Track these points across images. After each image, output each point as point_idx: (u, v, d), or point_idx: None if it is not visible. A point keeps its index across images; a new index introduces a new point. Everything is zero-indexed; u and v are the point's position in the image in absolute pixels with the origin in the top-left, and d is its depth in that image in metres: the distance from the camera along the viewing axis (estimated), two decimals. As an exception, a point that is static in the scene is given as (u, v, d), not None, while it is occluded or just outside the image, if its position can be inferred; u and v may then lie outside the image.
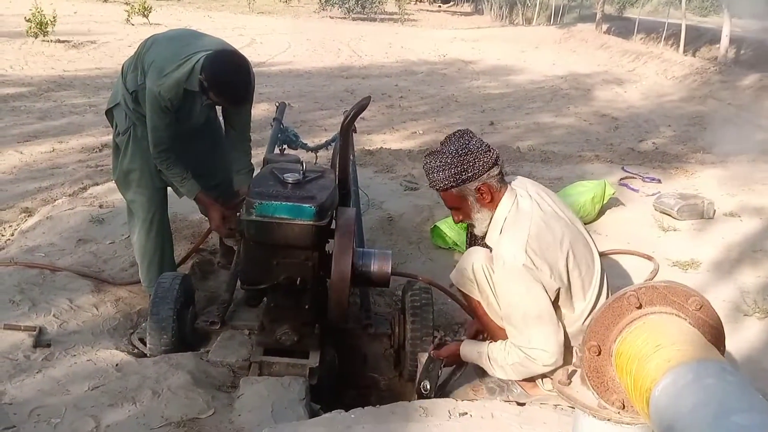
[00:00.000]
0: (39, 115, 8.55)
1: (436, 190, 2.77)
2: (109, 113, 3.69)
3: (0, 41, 14.88)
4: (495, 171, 2.68)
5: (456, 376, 2.99)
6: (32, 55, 13.40)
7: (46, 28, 15.00)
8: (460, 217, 2.80)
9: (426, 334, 3.29)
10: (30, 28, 14.93)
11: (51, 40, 14.83)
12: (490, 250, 2.74)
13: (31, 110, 8.80)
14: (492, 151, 2.68)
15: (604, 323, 1.59)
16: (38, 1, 14.85)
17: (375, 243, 4.56)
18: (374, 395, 3.47)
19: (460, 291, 2.92)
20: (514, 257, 2.58)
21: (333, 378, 3.34)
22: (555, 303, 2.66)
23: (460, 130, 2.74)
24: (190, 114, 3.52)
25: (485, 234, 2.75)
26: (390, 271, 3.28)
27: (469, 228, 2.88)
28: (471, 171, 2.64)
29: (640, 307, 1.57)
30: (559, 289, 2.63)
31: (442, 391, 2.95)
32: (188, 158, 3.65)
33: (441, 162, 2.66)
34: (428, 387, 2.88)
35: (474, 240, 2.93)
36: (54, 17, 14.93)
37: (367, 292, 3.78)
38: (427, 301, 3.42)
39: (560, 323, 2.65)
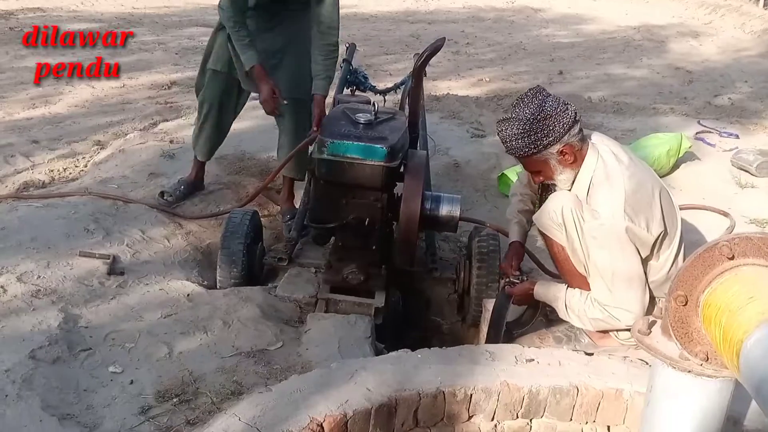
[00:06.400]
0: (110, 51, 8.65)
1: (515, 157, 2.70)
2: None
3: (70, -23, 15.08)
4: (575, 130, 2.58)
5: (527, 327, 2.98)
6: (102, -9, 13.51)
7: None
8: (541, 179, 2.73)
9: (492, 281, 3.28)
10: (101, -36, 15.07)
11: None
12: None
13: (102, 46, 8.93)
14: (569, 108, 2.57)
15: (693, 273, 1.54)
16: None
17: (441, 189, 4.51)
18: (436, 339, 3.49)
19: (542, 234, 2.86)
20: (613, 217, 2.52)
21: (397, 319, 3.37)
22: (650, 253, 2.62)
23: (533, 89, 2.63)
24: None
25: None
26: (459, 215, 3.26)
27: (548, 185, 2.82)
28: (551, 135, 2.54)
29: (732, 258, 1.52)
30: (657, 238, 2.59)
31: (510, 336, 2.94)
32: (266, 36, 3.79)
33: (518, 129, 2.56)
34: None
35: (549, 191, 2.85)
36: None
37: (433, 237, 3.77)
38: (495, 248, 3.40)
39: (647, 284, 2.61)
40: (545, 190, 2.90)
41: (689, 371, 1.62)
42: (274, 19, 3.80)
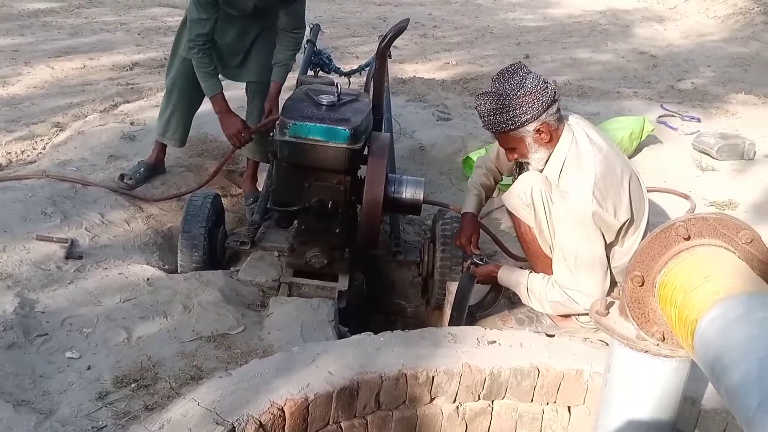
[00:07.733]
0: (70, 32, 8.46)
1: (491, 132, 2.68)
2: None
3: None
4: (553, 109, 2.56)
5: (490, 309, 2.99)
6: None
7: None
8: (515, 156, 2.71)
9: (456, 264, 3.28)
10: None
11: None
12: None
13: (62, 26, 8.72)
14: (549, 87, 2.55)
15: (650, 254, 1.55)
16: None
17: (406, 172, 4.50)
18: (400, 322, 3.49)
19: (510, 214, 2.85)
20: (581, 200, 2.52)
21: (361, 302, 3.36)
22: (615, 239, 2.64)
23: (513, 65, 2.60)
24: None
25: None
26: (422, 198, 3.25)
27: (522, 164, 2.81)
28: (529, 113, 2.52)
29: (688, 238, 1.52)
30: (623, 224, 2.60)
31: (473, 318, 2.95)
32: (230, 47, 3.77)
33: (496, 104, 2.53)
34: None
35: (524, 169, 2.84)
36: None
37: (397, 220, 3.76)
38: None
39: (609, 269, 2.62)
40: (520, 168, 2.89)
41: (646, 351, 1.63)
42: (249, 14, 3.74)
